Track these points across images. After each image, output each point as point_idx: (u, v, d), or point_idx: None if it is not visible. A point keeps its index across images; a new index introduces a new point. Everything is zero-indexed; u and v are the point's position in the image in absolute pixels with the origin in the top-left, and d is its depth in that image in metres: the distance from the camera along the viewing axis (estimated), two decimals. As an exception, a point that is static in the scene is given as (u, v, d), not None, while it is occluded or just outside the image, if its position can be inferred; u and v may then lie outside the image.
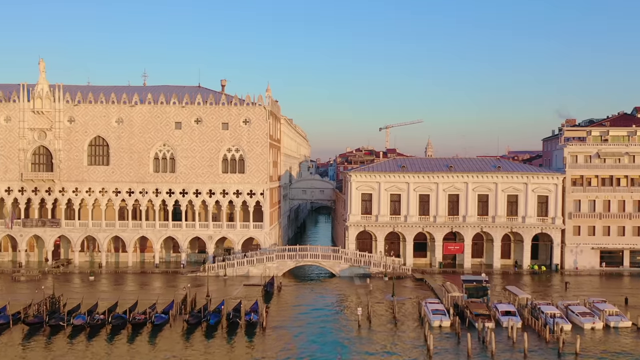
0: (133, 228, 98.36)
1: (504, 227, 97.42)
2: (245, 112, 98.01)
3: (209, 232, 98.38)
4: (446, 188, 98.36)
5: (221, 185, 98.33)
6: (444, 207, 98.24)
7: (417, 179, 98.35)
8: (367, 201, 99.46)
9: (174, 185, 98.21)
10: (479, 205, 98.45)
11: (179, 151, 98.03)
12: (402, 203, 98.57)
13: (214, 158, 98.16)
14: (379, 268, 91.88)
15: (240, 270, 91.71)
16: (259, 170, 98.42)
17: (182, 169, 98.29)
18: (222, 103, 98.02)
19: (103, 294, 78.92)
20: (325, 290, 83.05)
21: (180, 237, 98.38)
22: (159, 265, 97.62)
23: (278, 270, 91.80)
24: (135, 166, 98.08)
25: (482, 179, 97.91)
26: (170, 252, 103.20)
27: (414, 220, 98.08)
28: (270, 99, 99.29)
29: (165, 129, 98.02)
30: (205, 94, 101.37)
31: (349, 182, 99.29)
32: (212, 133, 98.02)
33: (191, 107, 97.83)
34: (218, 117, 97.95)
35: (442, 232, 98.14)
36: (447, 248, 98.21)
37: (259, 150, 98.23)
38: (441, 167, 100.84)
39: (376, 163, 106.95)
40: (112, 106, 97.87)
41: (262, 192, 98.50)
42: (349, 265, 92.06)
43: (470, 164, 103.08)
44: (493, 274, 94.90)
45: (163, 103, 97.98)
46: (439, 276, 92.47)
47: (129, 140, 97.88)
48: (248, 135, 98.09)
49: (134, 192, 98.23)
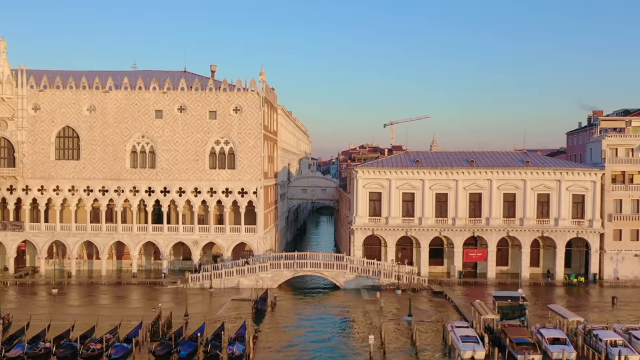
0: (107, 232, 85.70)
1: (533, 231, 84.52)
2: (236, 99, 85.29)
3: (194, 237, 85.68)
4: (467, 186, 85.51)
5: (208, 183, 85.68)
6: (464, 207, 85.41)
7: (433, 176, 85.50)
8: (376, 201, 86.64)
9: (154, 182, 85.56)
10: (504, 205, 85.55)
11: (160, 143, 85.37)
12: (416, 203, 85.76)
13: (200, 151, 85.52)
14: (390, 279, 79.05)
15: (229, 282, 78.92)
16: (252, 166, 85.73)
17: (163, 164, 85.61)
18: (210, 88, 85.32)
19: (70, 309, 67.60)
20: (327, 307, 70.19)
21: (161, 243, 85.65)
22: (137, 275, 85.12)
23: (273, 281, 79.02)
24: (110, 161, 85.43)
25: (509, 175, 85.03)
26: (150, 259, 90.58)
27: (429, 222, 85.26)
28: (264, 83, 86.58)
29: (144, 118, 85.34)
30: (190, 79, 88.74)
31: (355, 179, 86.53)
32: (197, 123, 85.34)
33: (174, 93, 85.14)
34: (205, 105, 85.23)
35: (462, 236, 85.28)
36: (468, 255, 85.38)
37: (252, 143, 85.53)
38: (460, 162, 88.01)
39: (386, 157, 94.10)
40: (83, 92, 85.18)
41: (256, 191, 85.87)
42: (355, 275, 79.26)
43: (494, 158, 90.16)
44: (521, 285, 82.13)
45: (142, 88, 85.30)
46: (459, 288, 79.81)
47: (103, 131, 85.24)
48: (239, 125, 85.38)
49: (109, 191, 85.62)
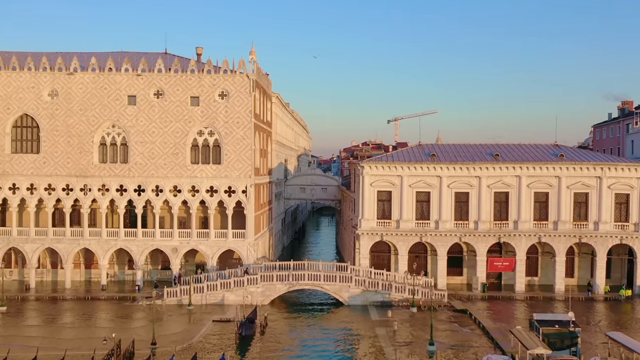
0: (72, 238, 73.50)
1: (569, 237, 72.16)
2: (222, 82, 73.07)
3: (174, 243, 73.47)
4: (491, 184, 73.25)
5: (190, 180, 73.52)
6: (488, 209, 73.15)
7: (452, 172, 73.24)
8: (385, 201, 74.40)
9: (127, 179, 73.40)
10: (535, 206, 73.26)
11: (134, 134, 73.23)
12: (432, 204, 73.51)
13: (180, 143, 73.34)
14: (402, 294, 66.79)
15: (213, 297, 66.70)
16: (241, 160, 73.54)
17: (137, 158, 73.44)
18: (191, 70, 73.12)
19: (26, 328, 56.60)
20: (328, 331, 57.91)
21: (134, 250, 73.44)
22: (108, 287, 73.14)
23: (264, 296, 66.78)
24: (75, 155, 73.28)
25: (540, 171, 72.74)
26: (124, 268, 78.38)
27: (447, 226, 73.01)
28: (255, 65, 74.34)
29: (114, 105, 73.16)
30: (169, 61, 76.48)
31: (361, 176, 74.29)
32: (177, 110, 73.16)
33: (149, 76, 72.94)
34: (185, 89, 73.03)
35: (486, 243, 72.99)
36: (493, 264, 73.07)
37: (241, 134, 73.35)
38: (483, 156, 75.72)
39: (397, 151, 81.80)
40: (43, 74, 72.99)
41: (245, 190, 73.70)
42: (361, 289, 67.02)
43: (522, 151, 77.81)
44: (555, 300, 70.12)
45: (112, 70, 73.11)
46: (483, 304, 67.64)
47: (67, 120, 73.09)
48: (226, 113, 73.19)
49: (73, 190, 73.48)
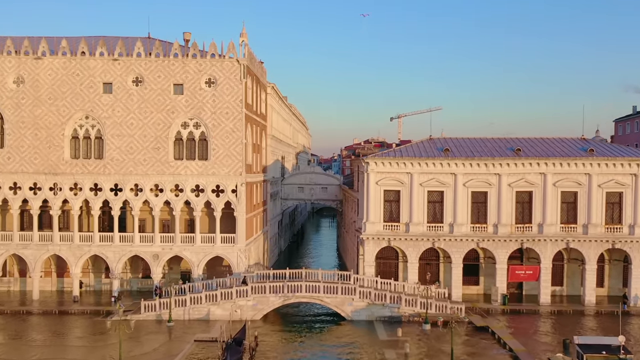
0: (40, 243, 65.34)
1: (601, 242, 63.87)
2: (209, 68, 64.87)
3: (155, 249, 65.25)
4: (513, 182, 64.98)
5: (173, 178, 65.34)
6: (509, 210, 64.89)
7: (468, 169, 64.99)
8: (393, 202, 66.16)
9: (102, 177, 65.22)
10: (562, 208, 64.99)
11: (110, 126, 65.05)
12: (446, 205, 65.25)
13: (162, 137, 65.17)
14: (414, 307, 58.48)
15: (197, 312, 58.41)
16: (230, 156, 65.34)
17: (113, 153, 65.26)
18: (174, 54, 64.93)
19: None
20: (328, 354, 49.66)
21: (110, 257, 65.25)
22: (81, 298, 65.15)
23: (255, 311, 58.50)
24: (43, 150, 65.13)
25: (569, 168, 64.45)
26: (101, 276, 70.20)
27: (463, 230, 64.76)
28: (247, 48, 66.11)
29: (88, 94, 64.98)
30: (149, 45, 68.23)
31: (365, 174, 66.03)
32: (159, 99, 64.99)
33: (127, 61, 64.76)
34: (168, 76, 64.85)
35: (507, 249, 64.68)
36: (515, 273, 64.75)
37: (230, 126, 65.15)
38: (503, 151, 67.47)
39: (406, 145, 73.51)
40: (7, 59, 64.83)
41: (235, 189, 65.50)
42: (366, 303, 58.71)
43: (546, 145, 69.49)
44: (585, 314, 61.85)
45: (85, 54, 64.91)
46: (505, 319, 59.38)
47: (34, 111, 64.92)
48: (213, 102, 65.00)
49: (42, 189, 65.34)
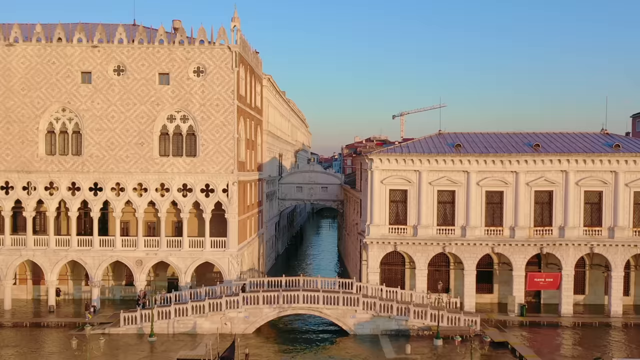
0: (12, 248, 59.51)
1: (629, 246, 58.04)
2: (198, 56, 59.07)
3: (138, 254, 59.45)
4: (531, 181, 59.11)
5: (158, 177, 59.52)
6: (527, 212, 59.02)
7: (482, 166, 59.12)
8: (399, 202, 60.32)
9: (80, 176, 59.42)
10: (586, 209, 59.14)
11: (89, 120, 59.25)
12: (458, 206, 59.39)
13: (146, 131, 59.38)
14: (423, 320, 52.58)
15: (182, 325, 52.55)
16: (221, 152, 59.54)
17: (93, 149, 59.47)
18: (160, 41, 59.12)
19: None
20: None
21: (90, 263, 59.45)
22: (58, 308, 59.50)
23: (247, 324, 52.66)
24: (16, 145, 59.34)
25: (593, 165, 58.60)
26: (81, 284, 64.43)
27: (477, 234, 58.89)
28: (239, 34, 60.27)
29: (65, 84, 59.19)
30: (132, 31, 62.38)
31: (369, 172, 60.21)
32: (142, 90, 59.18)
33: (108, 48, 58.95)
34: (153, 64, 59.04)
35: (525, 254, 58.81)
36: (533, 281, 58.95)
37: (221, 119, 59.35)
38: (521, 147, 61.59)
39: (414, 140, 67.36)
40: (-24, 46, 59.18)
41: (226, 188, 59.70)
42: (370, 315, 52.82)
43: (566, 141, 63.62)
44: (613, 327, 55.96)
45: (62, 40, 59.11)
46: (524, 333, 53.68)
47: (5, 102, 59.14)
48: (202, 93, 59.20)
49: (14, 188, 59.55)
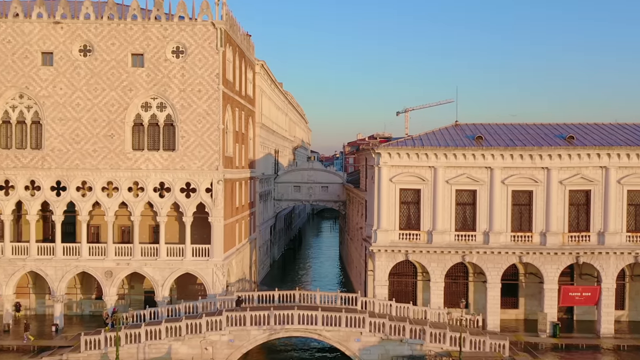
0: (-39, 256, 51.39)
1: (680, 256, 49.73)
2: (177, 34, 50.75)
3: (107, 264, 51.11)
4: (565, 179, 50.61)
5: (131, 174, 51.19)
6: (560, 215, 50.50)
7: (508, 161, 50.68)
8: (411, 204, 51.85)
9: (41, 173, 51.13)
10: (629, 211, 50.73)
11: (50, 108, 50.94)
12: (480, 208, 50.92)
13: (116, 121, 51.05)
14: (442, 344, 44.13)
15: (155, 349, 44.11)
16: (204, 145, 51.19)
17: (55, 142, 51.16)
18: (133, 17, 50.85)
19: None
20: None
21: (51, 274, 51.16)
22: (16, 326, 51.05)
23: (232, 349, 44.21)
24: (-34, 137, 51.19)
25: (637, 160, 50.18)
26: (44, 297, 56.10)
27: (502, 240, 50.41)
28: (225, 9, 51.85)
29: (22, 66, 50.93)
30: (102, 6, 53.93)
31: (377, 168, 51.76)
32: (113, 73, 50.85)
33: (73, 24, 50.66)
34: (125, 44, 50.74)
35: (559, 264, 50.35)
36: (568, 295, 50.50)
37: (204, 107, 51.01)
38: (551, 139, 53.13)
39: (428, 132, 58.56)
40: None
41: (210, 187, 51.37)
42: (379, 338, 44.35)
43: (604, 132, 55.13)
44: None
45: (18, 16, 50.84)
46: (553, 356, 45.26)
47: (-47, 88, 50.99)
48: (182, 77, 50.87)
49: (-36, 187, 51.42)
